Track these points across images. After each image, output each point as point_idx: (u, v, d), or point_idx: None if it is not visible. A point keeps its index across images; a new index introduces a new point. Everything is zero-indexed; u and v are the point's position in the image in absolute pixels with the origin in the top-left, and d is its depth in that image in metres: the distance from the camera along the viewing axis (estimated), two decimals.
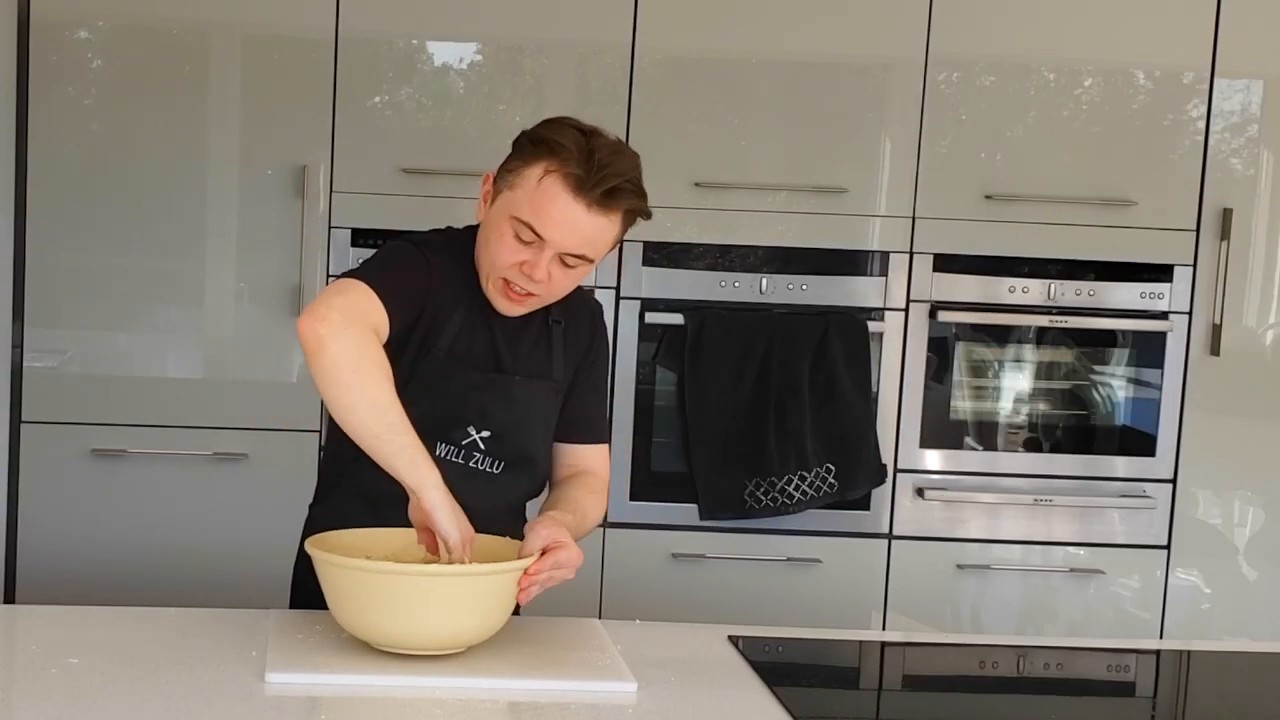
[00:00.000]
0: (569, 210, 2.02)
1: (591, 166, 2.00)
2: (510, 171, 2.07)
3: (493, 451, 2.17)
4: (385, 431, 1.91)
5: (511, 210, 2.05)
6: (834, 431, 3.33)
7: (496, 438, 2.17)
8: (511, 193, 2.06)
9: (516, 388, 2.17)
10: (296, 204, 3.23)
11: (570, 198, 2.01)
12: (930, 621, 3.43)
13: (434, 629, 1.92)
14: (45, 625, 2.07)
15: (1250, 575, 3.52)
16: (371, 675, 1.89)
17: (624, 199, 2.04)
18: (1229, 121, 3.41)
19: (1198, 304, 3.41)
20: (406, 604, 1.89)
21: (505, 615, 1.98)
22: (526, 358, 2.19)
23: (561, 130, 2.05)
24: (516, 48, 3.30)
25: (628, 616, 2.35)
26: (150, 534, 3.24)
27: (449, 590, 1.90)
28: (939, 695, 2.23)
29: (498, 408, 2.16)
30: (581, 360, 2.26)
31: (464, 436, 2.16)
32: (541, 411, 2.21)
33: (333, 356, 1.89)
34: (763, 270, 3.34)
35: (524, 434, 2.19)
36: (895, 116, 3.35)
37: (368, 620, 1.92)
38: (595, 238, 2.05)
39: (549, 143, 2.03)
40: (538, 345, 2.20)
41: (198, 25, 3.22)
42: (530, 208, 2.03)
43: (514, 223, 2.04)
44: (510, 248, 2.06)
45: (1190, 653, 2.49)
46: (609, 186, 2.01)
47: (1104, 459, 3.47)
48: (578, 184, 2.01)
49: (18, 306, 3.23)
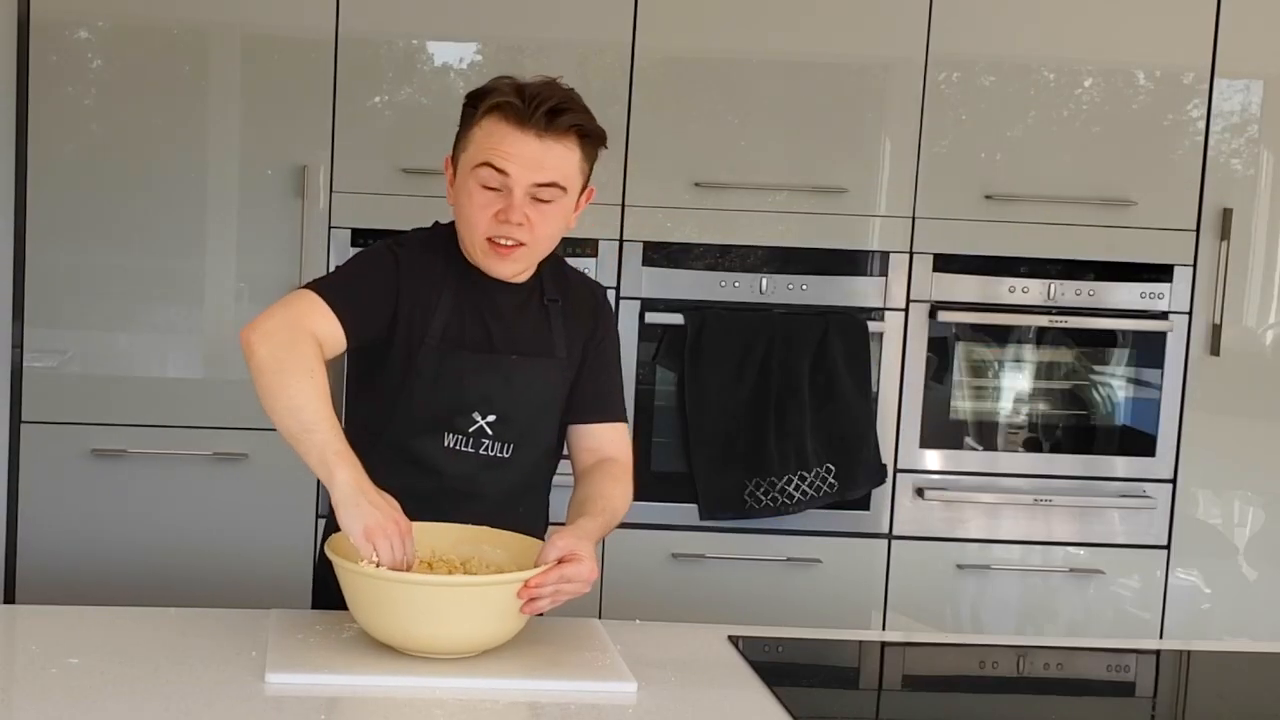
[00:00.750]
0: (519, 142, 2.06)
1: (525, 95, 2.06)
2: (460, 140, 2.14)
3: (501, 435, 2.17)
4: (299, 430, 1.95)
5: (469, 166, 2.09)
6: (834, 431, 3.33)
7: (503, 420, 2.17)
8: (465, 154, 2.12)
9: (516, 367, 2.18)
10: (296, 204, 3.23)
11: (516, 130, 2.06)
12: (930, 621, 3.43)
13: (435, 635, 1.93)
14: (45, 625, 2.07)
15: (1250, 575, 3.52)
16: (372, 675, 1.89)
17: (568, 116, 2.08)
18: (1229, 121, 3.41)
19: (1198, 304, 3.41)
20: (409, 610, 1.90)
21: (515, 622, 1.98)
22: (526, 338, 2.20)
23: (495, 81, 2.12)
24: (516, 48, 3.30)
25: (628, 616, 2.35)
26: (150, 534, 3.24)
27: (442, 599, 1.91)
28: (939, 695, 2.23)
29: (500, 389, 2.17)
30: (588, 338, 2.26)
31: (470, 424, 2.16)
32: (546, 389, 2.21)
33: (259, 360, 1.99)
34: (763, 270, 3.34)
35: (529, 413, 2.20)
36: (895, 116, 3.35)
37: (381, 623, 1.94)
38: (557, 165, 2.09)
39: (481, 92, 2.10)
40: (537, 325, 2.21)
41: (198, 25, 3.22)
42: (482, 151, 2.08)
43: (475, 174, 2.09)
44: (481, 202, 2.09)
45: (1190, 653, 2.49)
46: (549, 107, 2.06)
47: (1104, 459, 3.47)
48: (518, 113, 2.06)
49: (18, 306, 3.22)
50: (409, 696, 1.84)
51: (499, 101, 2.07)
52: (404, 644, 1.94)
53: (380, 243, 2.22)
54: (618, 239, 3.29)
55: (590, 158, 2.15)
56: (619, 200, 3.27)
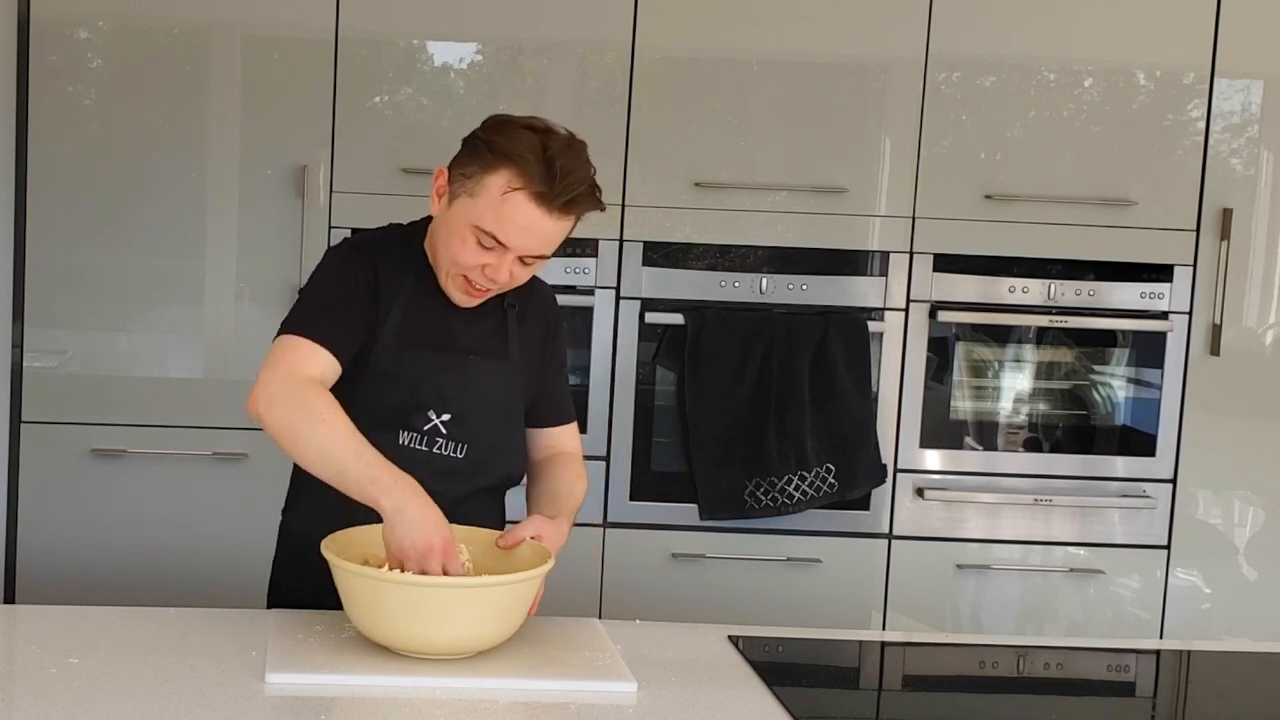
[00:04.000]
0: (534, 221, 2.05)
1: (554, 178, 2.03)
2: (468, 178, 2.08)
3: (455, 435, 2.19)
4: (334, 476, 1.99)
5: (473, 219, 2.07)
6: (834, 431, 3.33)
7: (457, 420, 2.18)
8: (472, 200, 2.07)
9: (473, 366, 2.19)
10: (296, 204, 3.23)
11: (535, 210, 2.04)
12: (930, 621, 3.43)
13: (433, 636, 1.92)
14: (45, 625, 2.07)
15: (1250, 575, 3.52)
16: (371, 675, 1.89)
17: (586, 201, 2.08)
18: (1229, 121, 3.41)
19: (1198, 304, 3.41)
20: (407, 611, 1.90)
21: (515, 622, 1.99)
22: (484, 340, 2.22)
23: (516, 137, 2.06)
24: (516, 48, 3.30)
25: (628, 616, 2.35)
26: (150, 534, 3.24)
27: (454, 600, 1.91)
28: (939, 695, 2.23)
29: (456, 388, 2.18)
30: (543, 343, 2.29)
31: (425, 421, 2.17)
32: (501, 393, 2.23)
33: (274, 429, 2.02)
34: (763, 270, 3.34)
35: (483, 414, 2.21)
36: (895, 116, 3.35)
37: (381, 625, 1.93)
38: (556, 238, 2.10)
39: (507, 153, 2.05)
40: (495, 328, 2.23)
41: (198, 25, 3.22)
42: (494, 220, 2.06)
43: (476, 231, 2.07)
44: (472, 252, 2.09)
45: (1190, 653, 2.50)
46: (572, 195, 2.04)
47: (1104, 459, 3.47)
48: (541, 198, 2.04)
49: (18, 306, 3.23)
50: (409, 696, 1.84)
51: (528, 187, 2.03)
52: (401, 645, 1.94)
53: (336, 254, 2.21)
54: (618, 239, 3.30)
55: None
56: (619, 200, 3.27)
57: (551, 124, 2.10)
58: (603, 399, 3.33)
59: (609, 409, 3.33)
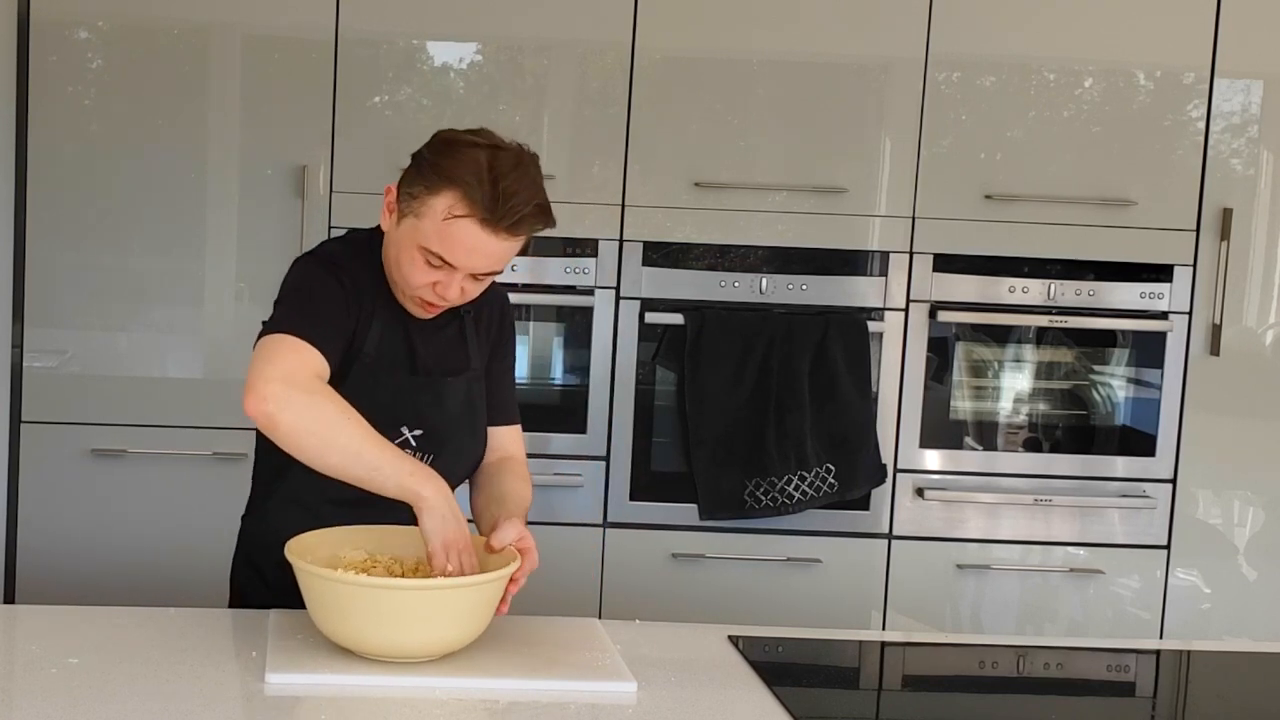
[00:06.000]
0: (478, 242, 2.02)
1: (498, 202, 1.99)
2: (414, 198, 2.05)
3: (424, 446, 2.19)
4: (365, 472, 1.95)
5: (419, 240, 2.04)
6: (834, 431, 3.33)
7: (428, 435, 2.18)
8: (418, 221, 2.04)
9: (446, 387, 2.19)
10: (296, 204, 3.23)
11: (481, 232, 2.01)
12: (930, 621, 3.43)
13: (416, 639, 1.91)
14: (45, 625, 2.07)
15: (1250, 575, 3.52)
16: (371, 676, 1.89)
17: (533, 222, 2.04)
18: (1229, 121, 3.41)
19: (1198, 304, 3.41)
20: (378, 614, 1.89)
21: (487, 621, 1.98)
22: (445, 355, 2.21)
23: (461, 158, 2.02)
24: (516, 48, 3.30)
25: (628, 616, 2.34)
26: (150, 534, 3.24)
27: (427, 602, 1.90)
28: (939, 695, 2.23)
29: (429, 409, 2.18)
30: (494, 347, 2.29)
31: (397, 436, 2.15)
32: (469, 404, 2.23)
33: (287, 429, 1.94)
34: (763, 270, 3.34)
35: (454, 427, 2.21)
36: (895, 116, 3.35)
37: (348, 629, 1.92)
38: (505, 257, 2.07)
39: (451, 177, 2.01)
40: (452, 340, 2.23)
41: (198, 25, 3.22)
42: (439, 242, 2.03)
43: (424, 251, 2.05)
44: (421, 271, 2.07)
45: (1190, 653, 2.49)
46: (518, 217, 2.01)
47: (1104, 459, 3.47)
48: (485, 222, 2.00)
49: (18, 306, 3.23)
50: (409, 696, 1.84)
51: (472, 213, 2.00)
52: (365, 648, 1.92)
53: (312, 263, 2.16)
54: (618, 239, 3.30)
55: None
56: (619, 200, 3.27)
57: (500, 140, 2.06)
58: (602, 399, 3.33)
59: (609, 409, 3.34)
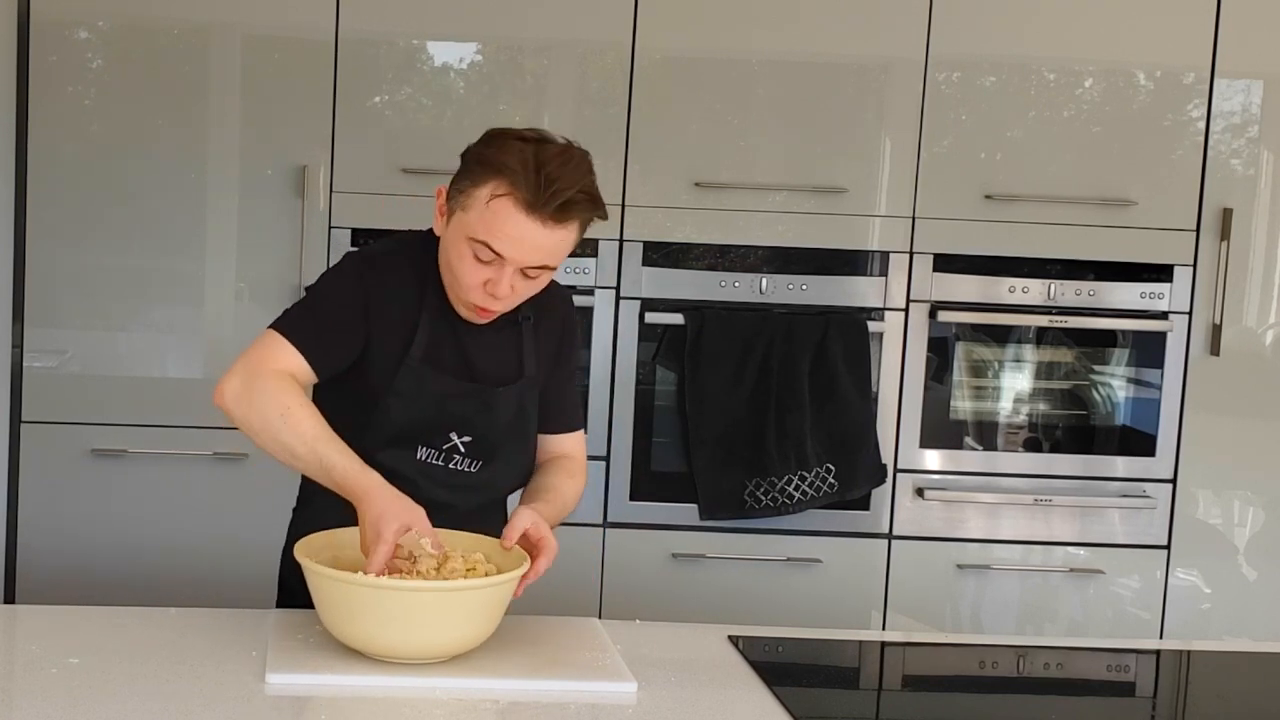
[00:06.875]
0: (523, 229, 2.02)
1: (540, 184, 2.00)
2: (461, 192, 2.07)
3: (472, 453, 2.19)
4: (305, 468, 2.02)
5: (467, 231, 2.05)
6: (834, 431, 3.33)
7: (477, 442, 2.18)
8: (465, 214, 2.06)
9: (496, 396, 2.18)
10: (296, 204, 3.23)
11: (523, 217, 2.01)
12: (930, 621, 3.43)
13: (424, 640, 1.91)
14: (45, 625, 2.07)
15: (1250, 575, 3.52)
16: (371, 676, 1.89)
17: (577, 210, 2.04)
18: (1229, 121, 3.41)
19: (1198, 304, 3.41)
20: (388, 616, 1.89)
21: (497, 621, 1.98)
22: (499, 362, 2.20)
23: (506, 147, 2.04)
24: (516, 48, 3.30)
25: (628, 616, 2.34)
26: (150, 534, 3.24)
27: (435, 603, 1.90)
28: (939, 695, 2.23)
29: (477, 416, 2.17)
30: (556, 353, 2.28)
31: (445, 441, 2.17)
32: (519, 413, 2.21)
33: (240, 423, 2.07)
34: (763, 270, 3.34)
35: (503, 435, 2.20)
36: (895, 116, 3.35)
37: (357, 630, 1.92)
38: (554, 249, 2.06)
39: (494, 164, 2.03)
40: (506, 347, 2.21)
41: (198, 25, 3.22)
42: (484, 229, 2.03)
43: (471, 243, 2.05)
44: (471, 268, 2.07)
45: (1190, 653, 2.50)
46: (562, 201, 2.01)
47: (1104, 459, 3.47)
48: (528, 205, 2.00)
49: (18, 306, 3.23)
50: (409, 697, 1.84)
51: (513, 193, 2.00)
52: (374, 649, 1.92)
53: (349, 263, 2.19)
54: (618, 239, 3.30)
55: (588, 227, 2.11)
56: (619, 200, 3.27)
57: (549, 135, 2.07)
58: (603, 399, 3.33)
59: (609, 409, 3.33)
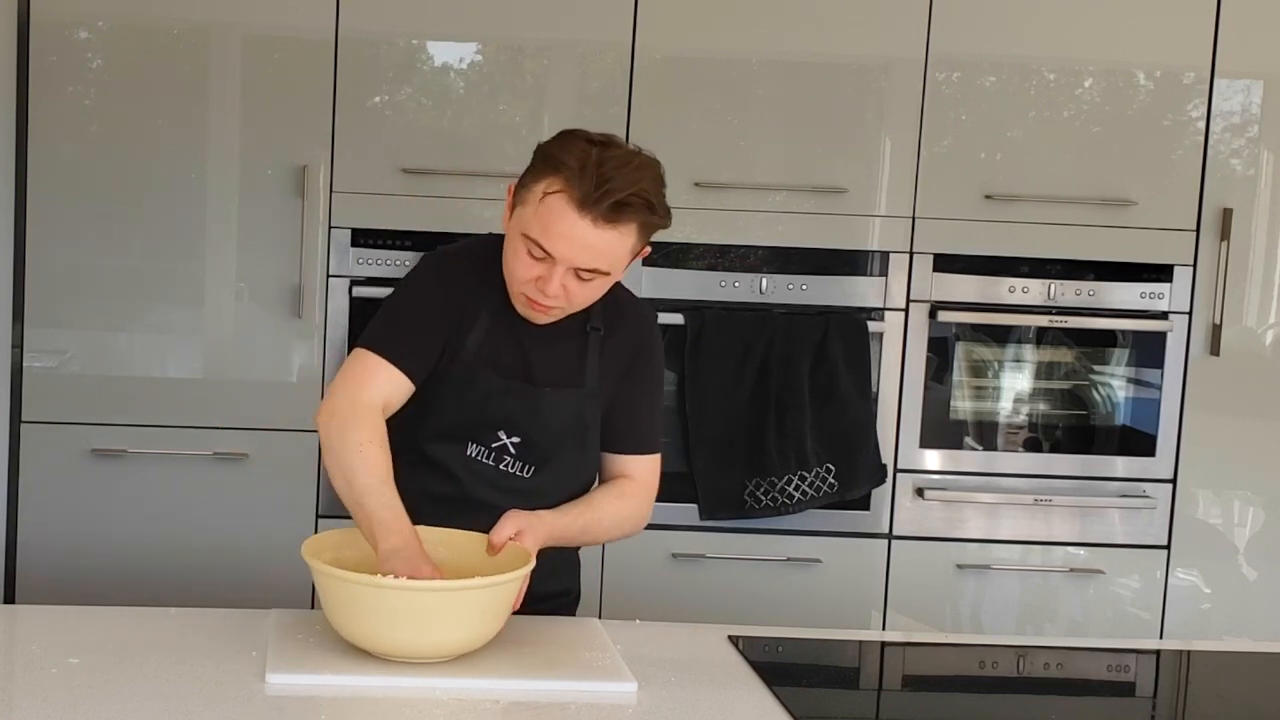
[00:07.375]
0: (573, 227, 2.01)
1: (593, 184, 1.98)
2: (523, 187, 2.08)
3: (523, 456, 2.18)
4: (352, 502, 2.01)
5: (521, 227, 2.05)
6: (834, 431, 3.33)
7: (526, 444, 2.18)
8: (522, 209, 2.06)
9: (544, 398, 2.17)
10: (296, 204, 3.23)
11: (574, 215, 2.00)
12: (930, 621, 3.43)
13: (435, 640, 1.92)
14: (45, 625, 2.07)
15: (1250, 575, 3.52)
16: (371, 676, 1.89)
17: (631, 213, 2.01)
18: (1229, 122, 3.41)
19: (1198, 304, 3.41)
20: (391, 615, 1.89)
21: (500, 624, 1.98)
22: (557, 366, 2.18)
23: (570, 145, 2.03)
24: (516, 48, 3.30)
25: (628, 616, 2.34)
26: (150, 534, 3.24)
27: (443, 604, 1.90)
28: (939, 695, 2.23)
29: (524, 417, 2.17)
30: (626, 370, 2.23)
31: (493, 439, 2.17)
32: (573, 420, 2.20)
33: (323, 442, 2.07)
34: (763, 270, 3.34)
35: (554, 440, 2.19)
36: (895, 116, 3.35)
37: (362, 630, 1.92)
38: (605, 252, 2.04)
39: (555, 160, 2.02)
40: (569, 354, 2.19)
41: (198, 25, 3.22)
42: (536, 225, 2.03)
43: (525, 240, 2.05)
44: (524, 263, 2.06)
45: (1190, 653, 2.50)
46: (613, 201, 1.99)
47: (1104, 459, 3.47)
48: (579, 203, 1.99)
49: (18, 306, 3.22)
50: (409, 697, 1.84)
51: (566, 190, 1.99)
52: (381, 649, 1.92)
53: (423, 265, 2.21)
54: None
55: (649, 234, 2.09)
56: None
57: (617, 140, 2.06)
58: None
59: None
